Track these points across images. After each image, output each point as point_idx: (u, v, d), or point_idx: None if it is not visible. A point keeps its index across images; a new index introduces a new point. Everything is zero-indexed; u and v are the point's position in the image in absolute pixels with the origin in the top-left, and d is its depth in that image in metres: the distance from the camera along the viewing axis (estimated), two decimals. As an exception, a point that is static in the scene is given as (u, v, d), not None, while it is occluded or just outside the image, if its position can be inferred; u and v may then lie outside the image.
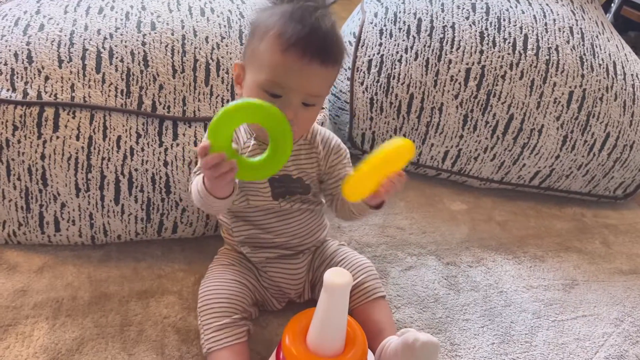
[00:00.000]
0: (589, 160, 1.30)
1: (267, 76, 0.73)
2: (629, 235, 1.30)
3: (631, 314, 1.05)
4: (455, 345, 0.91)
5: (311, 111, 0.77)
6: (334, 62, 0.75)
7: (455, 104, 1.24)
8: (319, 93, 0.76)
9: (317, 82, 0.75)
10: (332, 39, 0.74)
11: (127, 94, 0.92)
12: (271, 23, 0.73)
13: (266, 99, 0.71)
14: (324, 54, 0.72)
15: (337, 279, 0.66)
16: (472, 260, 1.12)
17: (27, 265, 0.94)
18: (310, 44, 0.71)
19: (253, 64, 0.75)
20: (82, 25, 0.96)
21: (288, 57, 0.71)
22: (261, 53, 0.73)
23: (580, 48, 1.29)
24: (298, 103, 0.74)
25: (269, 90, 0.73)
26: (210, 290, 0.81)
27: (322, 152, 0.85)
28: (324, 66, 0.73)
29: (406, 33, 1.27)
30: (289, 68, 0.71)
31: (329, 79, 0.77)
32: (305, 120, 0.77)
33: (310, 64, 0.71)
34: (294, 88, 0.73)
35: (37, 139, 0.88)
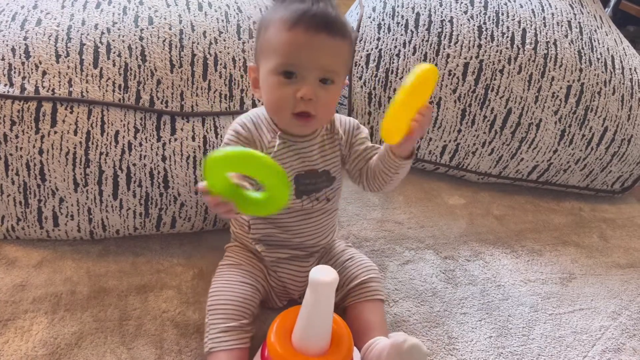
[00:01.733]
0: (586, 154, 1.30)
1: (278, 59, 0.73)
2: (627, 229, 1.30)
3: (628, 307, 1.05)
4: (452, 338, 0.92)
5: (331, 91, 0.76)
6: (342, 34, 0.74)
7: (454, 98, 1.24)
8: (333, 67, 0.75)
9: (329, 54, 0.74)
10: (334, 13, 0.75)
11: (124, 89, 0.92)
12: (273, 12, 0.76)
13: (282, 82, 0.73)
14: (330, 24, 0.72)
15: (322, 277, 0.65)
16: (469, 254, 1.12)
17: (26, 260, 0.94)
18: (314, 17, 0.71)
19: (264, 56, 0.76)
20: (80, 20, 0.96)
21: (295, 34, 0.72)
22: (269, 41, 0.75)
23: (579, 42, 1.29)
24: (314, 80, 0.73)
25: (283, 71, 0.73)
26: (221, 291, 0.81)
27: (344, 137, 0.86)
28: (332, 37, 0.73)
29: (404, 27, 1.27)
30: (298, 44, 0.72)
31: (340, 52, 0.76)
32: (325, 103, 0.75)
33: (317, 35, 0.72)
34: (307, 63, 0.73)
35: (34, 134, 0.88)
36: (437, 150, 1.30)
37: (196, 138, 0.95)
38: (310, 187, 0.84)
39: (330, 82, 0.75)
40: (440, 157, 1.32)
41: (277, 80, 0.74)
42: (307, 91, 0.72)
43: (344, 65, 0.78)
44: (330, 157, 0.85)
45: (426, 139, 1.28)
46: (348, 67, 0.80)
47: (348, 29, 0.76)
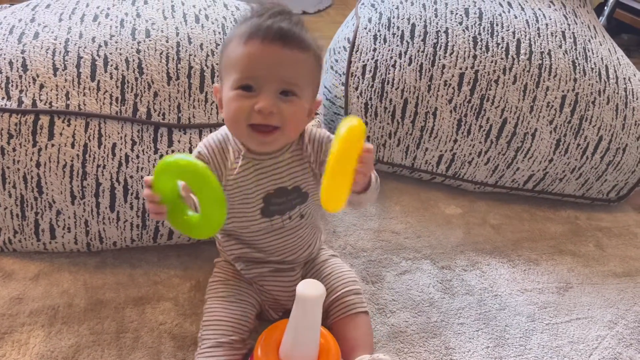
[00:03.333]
0: (582, 163, 1.31)
1: (236, 74, 0.71)
2: (622, 238, 1.30)
3: (625, 316, 1.05)
4: (450, 349, 0.92)
5: (294, 104, 0.72)
6: (299, 46, 0.72)
7: (449, 108, 1.25)
8: (292, 79, 0.72)
9: (286, 65, 0.71)
10: (293, 26, 0.72)
11: (122, 102, 0.93)
12: (233, 31, 0.75)
13: (240, 95, 0.71)
14: (285, 36, 0.70)
15: (309, 291, 0.65)
16: (466, 264, 1.12)
17: (23, 273, 0.94)
18: (269, 29, 0.70)
19: (225, 74, 0.75)
20: (77, 33, 0.97)
21: (250, 46, 0.70)
22: (228, 57, 0.73)
23: (573, 52, 1.30)
24: (274, 93, 0.71)
25: (242, 85, 0.71)
26: (214, 309, 0.81)
27: (311, 150, 0.81)
28: (289, 48, 0.71)
29: (400, 38, 1.28)
30: (254, 56, 0.70)
31: (299, 64, 0.72)
32: (290, 115, 0.72)
33: (271, 46, 0.70)
34: (264, 75, 0.70)
35: (32, 147, 0.89)
36: (433, 160, 1.31)
37: (193, 150, 0.95)
38: (283, 207, 0.81)
39: (292, 95, 0.72)
40: (436, 166, 1.32)
41: (235, 93, 0.72)
42: (264, 103, 0.69)
43: (306, 78, 0.74)
44: (299, 173, 0.81)
45: (422, 149, 1.29)
46: (314, 81, 0.77)
47: (308, 42, 0.74)
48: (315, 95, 0.79)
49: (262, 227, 0.82)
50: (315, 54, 0.75)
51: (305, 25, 0.76)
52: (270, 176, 0.79)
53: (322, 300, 0.66)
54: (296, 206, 0.82)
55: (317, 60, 0.76)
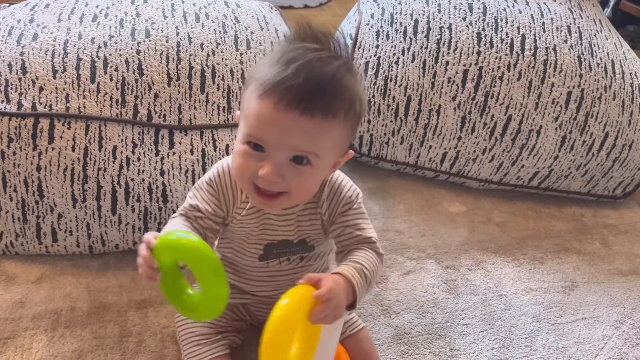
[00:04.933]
0: (587, 160, 1.29)
1: (246, 129, 0.63)
2: (629, 235, 1.29)
3: (631, 315, 1.04)
4: (454, 350, 0.91)
5: (306, 173, 0.63)
6: (324, 113, 0.59)
7: (453, 105, 1.24)
8: (307, 149, 0.61)
9: (300, 135, 0.60)
10: (324, 84, 0.59)
11: (122, 104, 0.92)
12: (260, 66, 0.64)
13: (248, 152, 0.63)
14: (306, 101, 0.58)
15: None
16: (471, 264, 1.11)
17: (25, 276, 0.94)
18: (289, 89, 0.58)
19: (241, 113, 0.67)
20: (76, 34, 0.96)
21: (263, 105, 0.60)
22: (244, 101, 0.65)
23: (578, 47, 1.28)
24: (282, 159, 0.62)
25: (252, 142, 0.62)
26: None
27: (327, 208, 0.73)
28: (307, 117, 0.59)
29: (403, 34, 1.27)
30: (263, 118, 0.60)
31: (319, 133, 0.61)
32: (298, 183, 0.63)
33: (286, 113, 0.58)
34: (273, 141, 0.61)
35: (32, 150, 0.88)
36: (437, 157, 1.30)
37: (194, 151, 0.95)
38: (284, 255, 0.76)
39: (306, 162, 0.62)
40: (440, 164, 1.31)
41: (243, 149, 0.63)
42: (267, 173, 0.61)
43: (327, 146, 0.63)
44: (308, 228, 0.74)
45: (426, 146, 1.28)
46: (339, 146, 0.66)
47: (339, 105, 0.61)
48: (345, 150, 0.69)
49: (258, 267, 0.78)
50: (349, 115, 0.63)
51: (353, 70, 0.64)
52: (276, 228, 0.74)
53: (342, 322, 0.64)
54: (297, 254, 0.77)
55: (352, 120, 0.64)
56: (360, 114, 0.65)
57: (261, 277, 0.80)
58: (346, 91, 0.62)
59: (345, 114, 0.62)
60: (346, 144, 0.67)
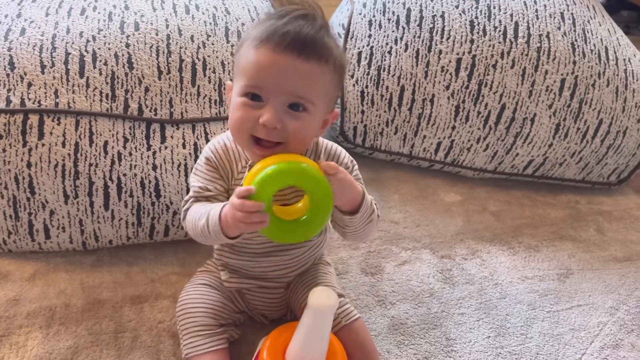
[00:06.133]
0: (582, 147, 1.29)
1: (244, 80, 0.67)
2: (623, 221, 1.30)
3: (626, 302, 1.05)
4: (451, 340, 0.91)
5: (302, 120, 0.67)
6: (318, 57, 0.66)
7: (447, 94, 1.23)
8: (303, 93, 0.66)
9: (296, 78, 0.65)
10: (314, 34, 0.66)
11: (112, 98, 0.91)
12: (251, 29, 0.70)
13: (246, 104, 0.67)
14: (302, 44, 0.64)
15: (322, 301, 0.63)
16: (466, 253, 1.11)
17: (19, 274, 0.93)
18: (285, 35, 0.64)
19: (235, 75, 0.71)
20: (64, 28, 0.94)
21: (261, 53, 0.65)
22: (239, 60, 0.69)
23: (572, 34, 1.28)
24: (280, 106, 0.66)
25: (249, 93, 0.67)
26: (189, 296, 0.80)
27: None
28: (303, 59, 0.65)
29: (395, 24, 1.26)
30: (263, 64, 0.65)
31: (314, 77, 0.67)
32: (295, 131, 0.67)
33: (284, 56, 0.64)
34: (272, 86, 0.65)
35: (22, 147, 0.87)
36: (431, 147, 1.29)
37: (187, 145, 0.94)
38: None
39: (302, 109, 0.67)
40: (434, 154, 1.31)
41: (241, 101, 0.67)
42: (269, 118, 0.65)
43: (321, 92, 0.68)
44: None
45: (420, 136, 1.27)
46: (331, 94, 0.71)
47: (330, 52, 0.67)
48: (332, 107, 0.74)
49: (259, 239, 0.79)
50: (336, 65, 0.69)
51: (332, 31, 0.70)
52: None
53: (334, 310, 0.64)
54: None
55: (339, 71, 0.70)
56: (344, 69, 0.72)
57: (262, 253, 0.80)
58: (331, 45, 0.68)
59: (334, 63, 0.68)
60: (334, 98, 0.73)
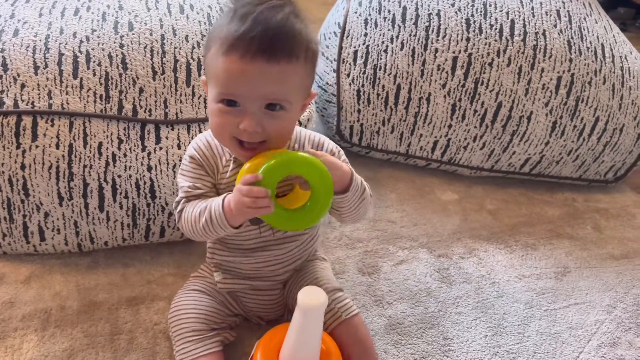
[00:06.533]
0: (578, 145, 1.29)
1: (217, 88, 0.66)
2: (620, 219, 1.29)
3: (623, 299, 1.05)
4: (448, 339, 0.91)
5: (281, 118, 0.68)
6: (288, 57, 0.64)
7: (443, 93, 1.23)
8: (278, 95, 0.66)
9: (269, 82, 0.65)
10: (281, 30, 0.64)
11: (106, 99, 0.90)
12: (216, 27, 0.68)
13: (224, 110, 0.67)
14: (270, 48, 0.63)
15: (311, 300, 0.63)
16: (463, 252, 1.11)
17: (14, 276, 0.93)
18: (251, 41, 0.62)
19: (207, 77, 0.70)
20: (58, 29, 0.94)
21: (229, 61, 0.64)
22: (209, 63, 0.68)
23: (568, 31, 1.27)
24: (259, 109, 0.66)
25: (224, 100, 0.66)
26: (181, 303, 0.80)
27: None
28: (273, 63, 0.63)
29: (391, 22, 1.25)
30: (233, 72, 0.64)
31: (287, 77, 0.66)
32: (276, 130, 0.68)
33: (253, 63, 0.63)
34: (246, 94, 0.65)
35: (16, 148, 0.86)
36: (428, 146, 1.29)
37: (182, 146, 0.94)
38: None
39: (279, 108, 0.67)
40: (431, 152, 1.30)
41: (218, 108, 0.67)
42: (248, 124, 0.65)
43: (296, 87, 0.68)
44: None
45: (417, 135, 1.27)
46: (306, 84, 0.71)
47: (298, 46, 0.66)
48: (308, 92, 0.73)
49: (251, 235, 0.79)
50: (308, 54, 0.68)
51: (300, 15, 0.68)
52: None
53: (324, 309, 0.64)
54: None
55: (311, 57, 0.69)
56: (316, 52, 0.70)
57: (254, 249, 0.79)
58: (300, 34, 0.66)
59: (304, 54, 0.67)
60: (310, 84, 0.73)
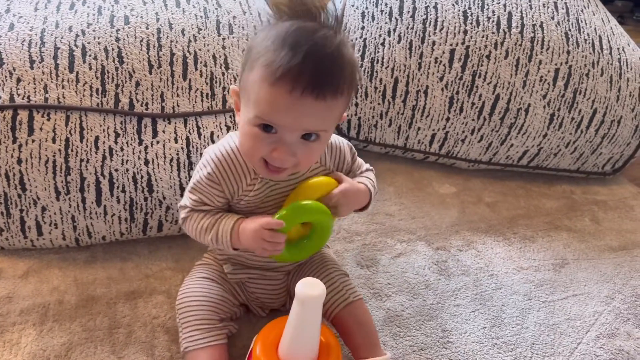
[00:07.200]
0: (576, 137, 1.29)
1: (256, 112, 0.65)
2: (618, 210, 1.30)
3: (621, 291, 1.05)
4: (446, 331, 0.91)
5: (314, 146, 0.68)
6: (334, 94, 0.63)
7: (441, 86, 1.23)
8: (317, 127, 0.66)
9: (313, 118, 0.64)
10: (333, 67, 0.62)
11: (102, 93, 0.90)
12: (263, 49, 0.64)
13: (258, 134, 0.66)
14: (319, 87, 0.61)
15: (309, 291, 0.63)
16: (462, 244, 1.11)
17: (12, 271, 0.93)
18: (301, 76, 0.60)
19: (244, 95, 0.68)
20: (53, 23, 0.93)
21: (275, 92, 0.62)
22: (250, 85, 0.65)
23: (565, 24, 1.27)
24: (294, 141, 0.66)
25: (261, 124, 0.65)
26: (190, 290, 0.80)
27: (331, 162, 0.80)
28: (321, 100, 0.62)
29: (388, 15, 1.25)
30: (278, 104, 0.62)
31: (330, 113, 0.65)
32: (307, 157, 0.68)
33: (301, 100, 0.61)
34: (287, 125, 0.64)
35: (12, 143, 0.86)
36: (425, 139, 1.29)
37: (179, 140, 0.93)
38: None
39: (315, 138, 0.67)
40: (429, 146, 1.30)
41: (254, 132, 0.66)
42: (282, 154, 0.65)
43: (335, 120, 0.68)
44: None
45: (414, 128, 1.27)
46: (340, 115, 0.70)
47: (348, 83, 0.65)
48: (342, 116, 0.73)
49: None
50: (352, 87, 0.67)
51: (348, 43, 0.66)
52: (285, 195, 0.76)
53: (322, 300, 0.64)
54: None
55: (354, 89, 0.69)
56: (358, 82, 0.72)
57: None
58: (348, 66, 0.65)
59: (348, 88, 0.66)
60: (344, 112, 0.72)
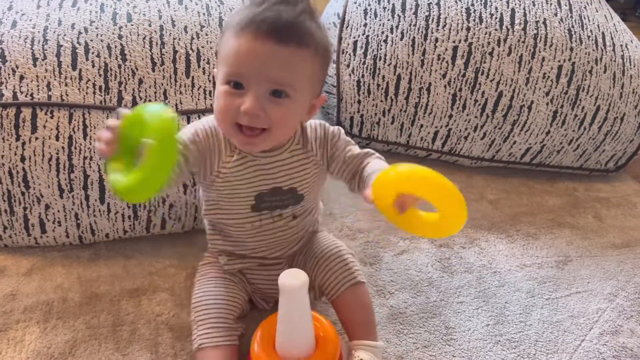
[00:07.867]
0: (579, 134, 1.29)
1: (226, 68, 0.67)
2: (621, 208, 1.29)
3: (625, 288, 1.05)
4: (450, 328, 0.91)
5: (285, 106, 0.67)
6: (298, 41, 0.65)
7: (444, 83, 1.22)
8: (285, 80, 0.66)
9: (276, 64, 0.65)
10: (295, 18, 0.65)
11: (105, 90, 0.90)
12: (232, 17, 0.70)
13: (229, 92, 0.67)
14: (281, 31, 0.64)
15: (291, 281, 0.64)
16: (465, 242, 1.11)
17: (16, 269, 0.93)
18: (263, 22, 0.64)
19: (218, 64, 0.70)
20: (56, 20, 0.93)
21: (242, 41, 0.65)
22: (222, 47, 0.69)
23: (569, 20, 1.27)
24: (263, 93, 0.66)
25: (231, 81, 0.67)
26: (207, 287, 0.80)
27: (319, 151, 0.79)
28: (283, 45, 0.64)
29: (391, 12, 1.25)
30: (243, 52, 0.65)
31: (295, 62, 0.66)
32: (278, 117, 0.67)
33: (264, 43, 0.64)
34: (252, 74, 0.65)
35: (15, 140, 0.86)
36: (428, 136, 1.29)
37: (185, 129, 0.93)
38: (275, 204, 0.78)
39: (284, 95, 0.67)
40: (432, 143, 1.30)
41: (224, 89, 0.67)
42: (250, 105, 0.65)
43: (304, 77, 0.68)
44: (298, 174, 0.77)
45: (417, 125, 1.27)
46: (315, 79, 0.71)
47: (310, 36, 0.67)
48: (318, 91, 0.74)
49: (250, 222, 0.79)
50: (319, 49, 0.68)
51: (316, 14, 0.69)
52: (266, 175, 0.76)
53: (305, 289, 0.65)
54: (288, 206, 0.79)
55: (323, 55, 0.70)
56: (328, 51, 0.71)
57: (254, 238, 0.81)
58: (314, 22, 0.68)
59: (315, 47, 0.67)
60: (319, 82, 0.73)
